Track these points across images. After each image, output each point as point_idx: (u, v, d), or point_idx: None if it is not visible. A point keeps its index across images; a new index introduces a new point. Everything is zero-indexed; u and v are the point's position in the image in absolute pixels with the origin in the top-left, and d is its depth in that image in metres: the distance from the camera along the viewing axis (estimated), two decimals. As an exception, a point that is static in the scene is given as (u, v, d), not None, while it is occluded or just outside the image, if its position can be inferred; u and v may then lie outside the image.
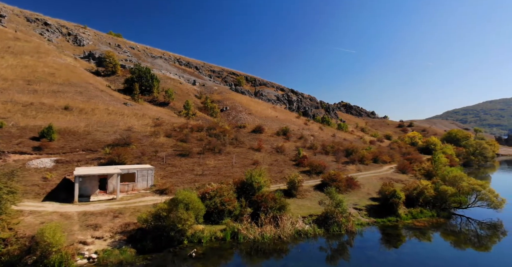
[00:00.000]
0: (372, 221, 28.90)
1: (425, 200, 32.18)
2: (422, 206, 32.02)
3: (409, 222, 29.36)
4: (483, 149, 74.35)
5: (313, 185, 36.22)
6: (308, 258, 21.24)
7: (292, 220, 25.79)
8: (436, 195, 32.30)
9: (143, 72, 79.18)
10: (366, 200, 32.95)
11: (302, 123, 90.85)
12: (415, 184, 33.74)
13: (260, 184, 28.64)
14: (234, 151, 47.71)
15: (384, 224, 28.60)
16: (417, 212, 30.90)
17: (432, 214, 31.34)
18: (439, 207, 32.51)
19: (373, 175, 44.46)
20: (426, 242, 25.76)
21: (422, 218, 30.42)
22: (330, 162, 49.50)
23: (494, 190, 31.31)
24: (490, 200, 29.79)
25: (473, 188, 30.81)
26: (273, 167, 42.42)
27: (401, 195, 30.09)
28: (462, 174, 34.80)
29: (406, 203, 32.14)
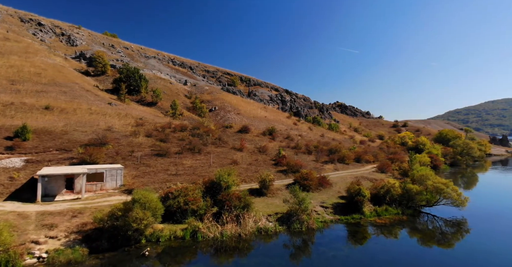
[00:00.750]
0: (337, 218, 29.32)
1: (391, 198, 32.64)
2: (389, 204, 32.35)
3: (372, 220, 29.78)
4: (470, 149, 74.41)
5: (286, 184, 36.35)
6: (264, 255, 21.30)
7: (256, 218, 25.93)
8: (403, 193, 32.61)
9: (131, 72, 79.18)
10: (335, 198, 33.17)
11: (292, 123, 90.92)
12: (383, 183, 33.95)
13: (228, 183, 28.70)
14: (215, 151, 47.78)
15: (348, 221, 29.07)
16: (382, 210, 31.35)
17: (397, 212, 31.75)
18: (405, 205, 32.89)
19: (350, 174, 44.56)
20: (385, 238, 26.08)
21: (386, 216, 30.84)
22: (310, 161, 49.62)
23: (457, 188, 31.73)
24: (453, 198, 30.10)
25: (436, 187, 31.08)
26: (251, 167, 42.49)
27: (366, 193, 30.47)
28: (429, 173, 35.02)
29: (374, 201, 32.65)
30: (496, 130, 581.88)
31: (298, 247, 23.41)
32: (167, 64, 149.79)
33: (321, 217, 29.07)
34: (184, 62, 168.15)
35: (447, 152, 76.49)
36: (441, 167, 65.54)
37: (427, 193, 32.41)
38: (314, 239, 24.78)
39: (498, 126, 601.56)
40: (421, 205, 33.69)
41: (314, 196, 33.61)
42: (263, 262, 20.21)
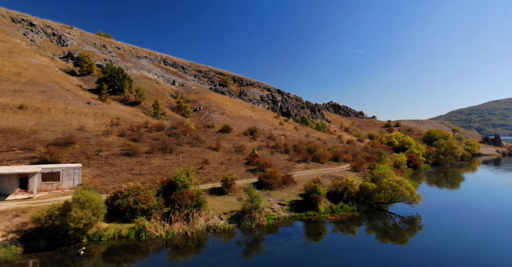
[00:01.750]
0: (291, 215, 29.71)
1: (349, 195, 33.06)
2: (346, 202, 32.67)
3: (325, 216, 30.10)
4: (453, 148, 74.36)
5: (251, 182, 36.17)
6: (207, 252, 21.23)
7: (207, 217, 25.88)
8: (360, 191, 32.92)
9: (114, 71, 79.08)
10: (295, 196, 33.23)
11: (278, 123, 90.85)
12: (341, 181, 34.14)
13: (184, 183, 28.57)
14: (189, 151, 47.70)
15: (301, 218, 29.37)
16: (338, 207, 31.85)
17: (352, 209, 32.18)
18: (363, 202, 33.34)
19: (319, 173, 44.49)
20: (334, 234, 26.39)
21: (340, 213, 31.24)
22: (284, 160, 49.57)
23: (411, 186, 31.95)
24: (405, 195, 30.40)
25: (390, 185, 31.32)
26: (221, 166, 42.38)
27: (321, 191, 30.72)
28: (387, 172, 35.37)
29: (333, 199, 33.16)
30: (498, 130, 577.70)
31: (246, 244, 23.35)
32: (158, 64, 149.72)
33: (276, 214, 29.26)
34: (177, 62, 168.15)
35: (430, 151, 76.41)
36: (421, 166, 65.51)
37: (382, 191, 32.47)
38: (264, 236, 24.96)
39: (501, 126, 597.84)
40: (379, 203, 33.88)
41: (275, 194, 33.63)
42: (201, 260, 20.14)
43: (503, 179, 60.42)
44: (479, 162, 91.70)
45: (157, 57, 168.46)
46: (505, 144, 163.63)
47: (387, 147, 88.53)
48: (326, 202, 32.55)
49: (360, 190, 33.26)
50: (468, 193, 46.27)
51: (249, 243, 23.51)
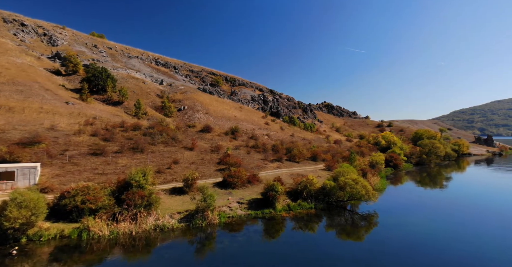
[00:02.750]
0: (247, 213, 29.75)
1: (308, 193, 33.12)
2: (305, 199, 32.91)
3: (280, 214, 30.16)
4: (435, 148, 74.18)
5: (216, 181, 36.11)
6: (151, 251, 21.00)
7: (158, 216, 25.69)
8: (320, 189, 32.99)
9: (98, 71, 78.93)
10: (256, 194, 33.16)
11: (263, 123, 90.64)
12: (301, 179, 34.21)
13: (139, 182, 28.33)
14: (162, 150, 47.49)
15: (257, 216, 29.43)
16: (296, 204, 31.99)
17: (310, 206, 32.38)
18: (322, 200, 33.56)
19: (290, 172, 44.34)
20: (287, 231, 26.59)
21: (298, 210, 31.39)
22: (258, 160, 49.37)
23: (367, 184, 32.00)
24: (360, 193, 30.63)
25: (346, 183, 31.38)
26: (191, 166, 42.17)
27: (279, 189, 30.70)
28: (348, 170, 35.47)
29: (294, 196, 33.40)
30: (501, 130, 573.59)
31: (190, 242, 23.26)
32: (150, 64, 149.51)
33: (233, 212, 29.21)
34: (169, 62, 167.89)
35: (414, 151, 76.25)
36: (402, 166, 65.37)
37: (341, 189, 32.49)
38: (213, 234, 25.04)
39: (504, 126, 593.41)
40: (339, 200, 34.13)
41: (237, 193, 33.47)
42: (138, 258, 19.92)
43: (480, 177, 60.28)
44: (468, 162, 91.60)
45: (149, 57, 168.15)
46: (497, 144, 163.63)
47: (373, 147, 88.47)
48: (286, 200, 32.51)
49: (320, 188, 33.24)
50: (437, 191, 46.75)
51: (194, 241, 23.35)
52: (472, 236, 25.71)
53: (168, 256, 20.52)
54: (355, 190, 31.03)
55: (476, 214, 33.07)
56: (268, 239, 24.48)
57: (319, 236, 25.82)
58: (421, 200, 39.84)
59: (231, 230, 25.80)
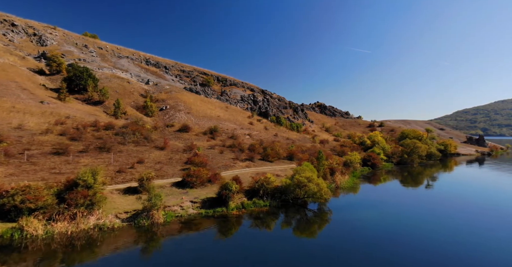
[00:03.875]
0: (198, 212, 29.61)
1: (265, 192, 33.06)
2: (261, 197, 32.98)
3: (232, 212, 30.03)
4: (417, 148, 73.89)
5: (175, 181, 35.81)
6: (83, 251, 20.68)
7: (101, 216, 25.39)
8: (277, 187, 33.16)
9: (79, 71, 78.66)
10: (214, 193, 32.90)
11: (248, 123, 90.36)
12: (259, 178, 34.00)
13: (87, 182, 28.02)
14: (131, 150, 47.18)
15: (208, 215, 29.25)
16: (250, 203, 31.92)
17: (265, 204, 32.38)
18: (278, 197, 33.51)
19: (258, 170, 44.15)
20: (237, 229, 26.59)
21: (251, 208, 31.38)
22: (228, 159, 49.06)
23: (321, 182, 32.09)
24: (312, 191, 30.75)
25: (299, 181, 31.26)
26: (156, 165, 41.87)
27: (233, 188, 30.48)
28: (304, 169, 35.33)
29: (251, 195, 33.48)
30: (504, 130, 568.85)
31: (126, 241, 22.87)
32: (139, 64, 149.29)
33: (183, 212, 29.06)
34: (160, 61, 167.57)
35: (395, 151, 76.01)
36: (380, 165, 65.13)
37: (295, 187, 32.50)
38: (155, 234, 24.72)
39: (507, 126, 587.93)
40: (295, 198, 34.15)
41: (194, 192, 33.21)
42: (68, 258, 19.60)
43: (457, 175, 60.01)
44: (455, 161, 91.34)
45: (140, 57, 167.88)
46: (489, 144, 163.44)
47: (357, 146, 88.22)
48: (242, 198, 32.35)
49: (277, 186, 33.27)
50: (405, 188, 47.37)
51: (131, 241, 22.99)
52: (429, 230, 26.22)
53: (101, 255, 20.25)
54: (307, 188, 31.08)
55: (439, 209, 33.41)
56: (211, 237, 24.23)
57: (268, 233, 25.78)
58: (382, 197, 40.55)
59: (174, 229, 25.51)
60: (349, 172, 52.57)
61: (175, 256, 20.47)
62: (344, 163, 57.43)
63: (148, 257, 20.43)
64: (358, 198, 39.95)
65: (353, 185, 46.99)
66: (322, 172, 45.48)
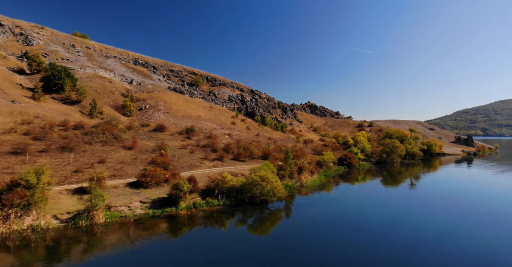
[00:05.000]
0: (145, 212, 29.13)
1: (220, 191, 32.63)
2: (216, 197, 32.79)
3: (182, 212, 29.63)
4: (395, 148, 73.83)
5: (131, 181, 35.28)
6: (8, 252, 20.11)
7: (37, 216, 24.83)
8: (233, 186, 33.20)
9: (57, 70, 77.85)
10: (166, 193, 32.31)
11: (230, 122, 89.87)
12: (215, 177, 33.69)
13: (29, 182, 27.40)
14: (96, 150, 46.53)
15: (155, 215, 28.79)
16: (203, 202, 31.74)
17: (219, 203, 32.06)
18: (235, 196, 33.26)
19: (224, 170, 43.66)
20: (184, 229, 26.10)
21: (204, 208, 31.03)
22: (197, 159, 48.57)
23: (274, 182, 32.35)
24: (266, 190, 31.57)
25: (254, 180, 31.08)
26: (118, 165, 41.28)
27: (184, 188, 29.95)
28: (261, 168, 35.20)
29: (207, 194, 33.17)
30: (503, 130, 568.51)
31: (58, 242, 22.33)
32: (127, 63, 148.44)
33: (130, 212, 28.59)
34: (148, 61, 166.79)
35: (375, 150, 75.92)
36: (356, 164, 64.97)
37: (251, 186, 32.44)
38: (95, 234, 24.30)
39: (506, 126, 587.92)
40: (252, 197, 34.05)
41: (147, 192, 32.75)
42: None
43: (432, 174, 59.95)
44: (439, 161, 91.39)
45: (129, 56, 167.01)
46: (477, 144, 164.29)
47: (339, 146, 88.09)
48: (196, 198, 31.91)
49: (233, 185, 33.08)
50: (373, 187, 47.39)
51: (65, 242, 22.42)
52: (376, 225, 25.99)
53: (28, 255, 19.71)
54: (260, 187, 31.36)
55: (395, 202, 33.50)
56: (152, 237, 23.67)
57: (216, 232, 25.61)
58: (345, 194, 41.00)
59: (113, 230, 24.99)
60: (320, 171, 52.30)
61: (101, 258, 19.93)
62: (317, 163, 57.16)
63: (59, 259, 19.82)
64: (320, 196, 39.82)
65: (320, 183, 46.73)
66: (288, 171, 45.17)
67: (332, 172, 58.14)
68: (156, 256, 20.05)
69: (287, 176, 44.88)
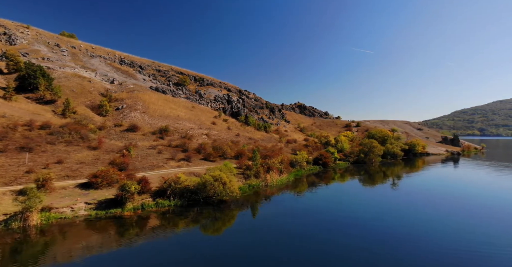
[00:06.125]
0: (88, 214, 28.40)
1: (173, 191, 32.03)
2: (168, 197, 32.23)
3: (127, 213, 29.06)
4: (373, 148, 73.72)
5: (82, 182, 34.42)
6: None
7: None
8: (186, 186, 32.71)
9: (31, 69, 76.48)
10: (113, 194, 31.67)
11: (210, 122, 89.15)
12: (168, 178, 33.19)
13: (-34, 182, 26.51)
14: (59, 150, 45.54)
15: (97, 216, 28.13)
16: (152, 203, 31.29)
17: (169, 204, 31.51)
18: (188, 197, 32.75)
19: (189, 171, 43.03)
20: (125, 230, 25.58)
21: (153, 209, 30.57)
22: (163, 159, 47.83)
23: (228, 181, 32.27)
24: (218, 190, 31.75)
25: (205, 180, 30.68)
26: (75, 166, 40.41)
27: (132, 188, 29.34)
28: (220, 167, 34.79)
29: (160, 195, 32.65)
30: (501, 130, 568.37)
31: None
32: (112, 63, 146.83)
33: (72, 213, 27.94)
34: (135, 61, 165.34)
35: (353, 150, 75.79)
36: (331, 164, 64.75)
37: (203, 186, 32.02)
38: (30, 237, 23.44)
39: (504, 126, 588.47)
40: (207, 197, 33.61)
41: (95, 193, 32.06)
42: None
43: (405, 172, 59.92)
44: (422, 161, 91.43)
45: (115, 56, 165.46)
46: (464, 144, 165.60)
47: (320, 146, 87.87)
48: (146, 199, 31.23)
49: (187, 185, 32.60)
50: (340, 185, 46.97)
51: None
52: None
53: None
54: (213, 187, 31.36)
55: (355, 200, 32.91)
56: (89, 239, 22.96)
57: (162, 233, 24.98)
58: (310, 193, 40.70)
59: (47, 232, 24.19)
60: (292, 171, 51.95)
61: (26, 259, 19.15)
62: (290, 162, 56.76)
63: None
64: (282, 195, 39.30)
65: (287, 183, 46.31)
66: (254, 171, 44.67)
67: (306, 172, 57.73)
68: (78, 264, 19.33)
69: (252, 176, 44.34)
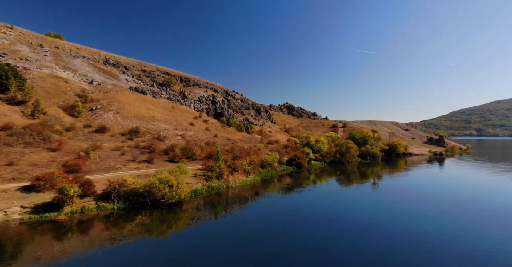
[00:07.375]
0: (21, 218, 27.21)
1: (118, 194, 31.34)
2: (112, 201, 31.43)
3: (62, 217, 28.09)
4: (349, 148, 73.46)
5: (25, 185, 33.22)
6: None
7: None
8: (133, 189, 31.99)
9: (3, 70, 74.71)
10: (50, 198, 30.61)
11: (188, 123, 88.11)
12: (115, 180, 32.34)
13: None
14: (14, 151, 44.18)
15: (30, 220, 27.01)
16: (93, 207, 30.33)
17: (113, 207, 30.88)
18: (135, 200, 32.10)
19: (147, 173, 41.99)
20: (55, 234, 24.66)
21: (93, 212, 29.72)
22: (123, 161, 46.74)
23: (176, 184, 31.26)
24: (162, 193, 31.01)
25: (152, 183, 30.11)
26: (26, 168, 39.12)
27: (71, 192, 28.43)
28: (172, 170, 34.28)
29: (106, 198, 31.92)
30: (498, 130, 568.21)
31: None
32: (95, 63, 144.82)
33: (5, 217, 26.69)
34: (120, 61, 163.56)
35: (330, 151, 75.42)
36: (305, 164, 64.29)
37: (149, 188, 31.37)
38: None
39: (501, 126, 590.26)
40: (156, 200, 32.75)
41: (35, 196, 31.11)
42: None
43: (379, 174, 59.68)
44: (405, 161, 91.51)
45: (100, 56, 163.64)
46: (450, 144, 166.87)
47: (300, 147, 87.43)
48: (88, 202, 30.17)
49: (133, 188, 31.82)
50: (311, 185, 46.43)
51: None
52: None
53: None
54: (158, 190, 30.92)
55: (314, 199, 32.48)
56: (15, 243, 21.87)
57: (99, 238, 24.06)
58: (266, 194, 40.09)
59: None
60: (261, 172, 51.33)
61: None
62: (261, 163, 56.07)
63: None
64: (240, 197, 38.69)
65: (252, 184, 45.69)
66: (216, 172, 43.87)
67: (278, 172, 57.09)
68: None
69: (214, 177, 43.49)
